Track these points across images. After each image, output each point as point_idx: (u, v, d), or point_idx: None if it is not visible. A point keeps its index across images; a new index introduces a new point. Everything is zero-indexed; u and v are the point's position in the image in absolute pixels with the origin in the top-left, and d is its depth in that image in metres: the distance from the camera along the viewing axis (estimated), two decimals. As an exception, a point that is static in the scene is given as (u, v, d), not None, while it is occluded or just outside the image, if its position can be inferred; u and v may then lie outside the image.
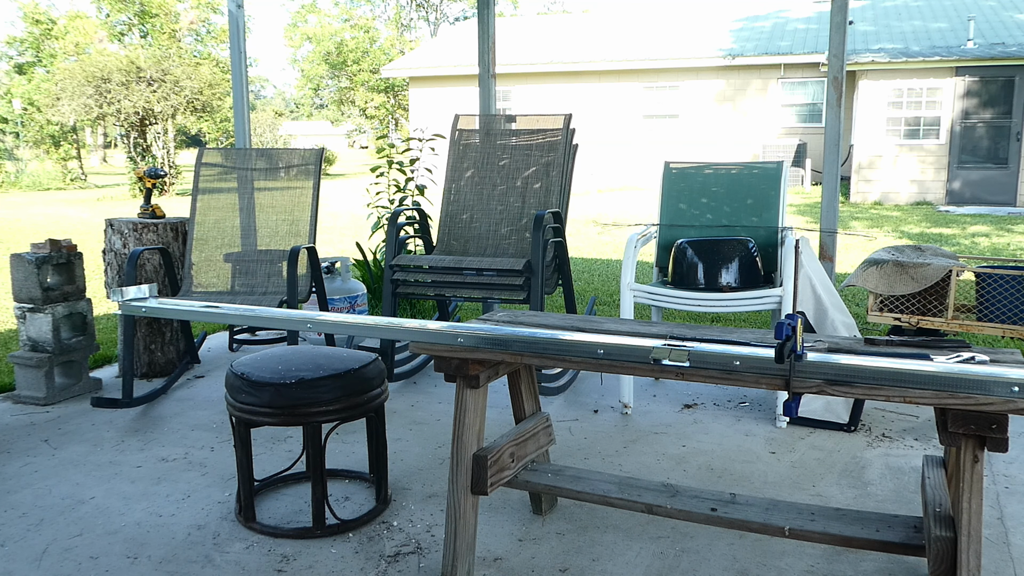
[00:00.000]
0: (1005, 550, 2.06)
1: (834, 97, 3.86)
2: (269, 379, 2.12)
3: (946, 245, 8.49)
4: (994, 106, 13.28)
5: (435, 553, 2.08)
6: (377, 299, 5.02)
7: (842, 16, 3.85)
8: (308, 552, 2.10)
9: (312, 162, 3.75)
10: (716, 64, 16.10)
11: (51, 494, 2.45)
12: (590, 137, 15.80)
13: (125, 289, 2.51)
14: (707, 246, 3.19)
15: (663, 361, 1.62)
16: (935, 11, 16.58)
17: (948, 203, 13.30)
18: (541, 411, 2.22)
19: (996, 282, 3.06)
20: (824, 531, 1.72)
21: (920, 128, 13.59)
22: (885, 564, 1.99)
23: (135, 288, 2.53)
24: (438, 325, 1.92)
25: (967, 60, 13.12)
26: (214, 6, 29.25)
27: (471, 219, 3.79)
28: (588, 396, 3.39)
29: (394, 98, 31.90)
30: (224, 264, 3.75)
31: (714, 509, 1.83)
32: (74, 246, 3.48)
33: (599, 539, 2.14)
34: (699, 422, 3.06)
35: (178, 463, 2.69)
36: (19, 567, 2.03)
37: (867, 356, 1.55)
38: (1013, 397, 1.37)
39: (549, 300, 5.36)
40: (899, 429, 2.95)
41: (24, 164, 21.72)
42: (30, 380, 3.32)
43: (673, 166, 3.66)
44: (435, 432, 2.98)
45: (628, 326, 1.95)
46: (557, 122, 3.79)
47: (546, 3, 42.05)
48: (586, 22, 20.71)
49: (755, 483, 2.50)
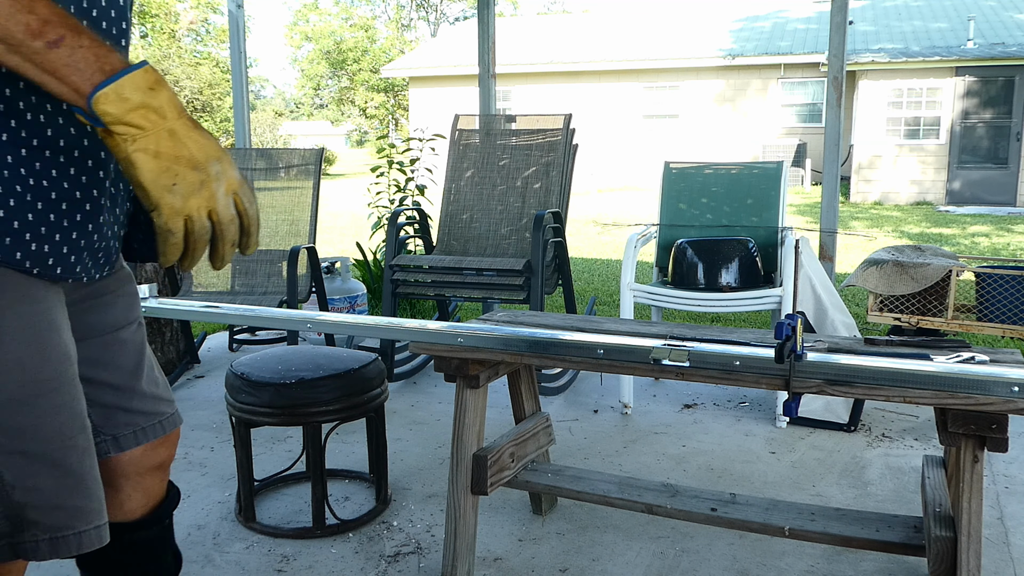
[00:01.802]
0: (1005, 550, 2.06)
1: (834, 97, 3.86)
2: (269, 379, 2.12)
3: (946, 245, 8.50)
4: (994, 106, 13.28)
5: (435, 553, 2.08)
6: (377, 299, 5.02)
7: (842, 16, 3.85)
8: (308, 552, 2.10)
9: (312, 162, 3.76)
10: (716, 64, 16.10)
11: (51, 494, 2.45)
12: (590, 137, 15.80)
13: (125, 289, 2.51)
14: (707, 246, 3.19)
15: (663, 361, 1.62)
16: (935, 11, 16.58)
17: (948, 203, 13.30)
18: (541, 411, 2.22)
19: (996, 282, 3.06)
20: (824, 531, 1.72)
21: (920, 128, 13.60)
22: (885, 564, 1.99)
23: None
24: (438, 325, 1.92)
25: (967, 60, 13.13)
26: (214, 6, 29.26)
27: (471, 219, 3.79)
28: (588, 396, 3.39)
29: (394, 98, 31.93)
30: (224, 264, 3.74)
31: (714, 509, 1.83)
32: (74, 246, 3.48)
33: (599, 539, 2.14)
34: (699, 422, 3.06)
35: (178, 463, 2.69)
36: (19, 567, 2.03)
37: (867, 356, 1.55)
38: (1013, 397, 1.37)
39: (549, 300, 5.36)
40: (899, 429, 2.95)
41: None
42: (30, 380, 3.32)
43: (673, 166, 3.66)
44: (435, 432, 2.98)
45: (628, 326, 1.95)
46: (557, 122, 3.79)
47: (546, 3, 42.10)
48: (586, 22, 20.72)
49: (755, 483, 2.50)
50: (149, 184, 0.84)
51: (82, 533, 0.95)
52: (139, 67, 0.83)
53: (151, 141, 0.83)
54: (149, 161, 0.84)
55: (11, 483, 0.90)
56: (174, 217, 0.85)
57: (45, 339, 0.90)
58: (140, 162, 0.83)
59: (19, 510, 0.91)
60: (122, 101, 0.81)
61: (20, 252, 0.87)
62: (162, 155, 0.84)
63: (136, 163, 0.83)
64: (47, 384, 0.91)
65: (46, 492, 0.92)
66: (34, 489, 0.92)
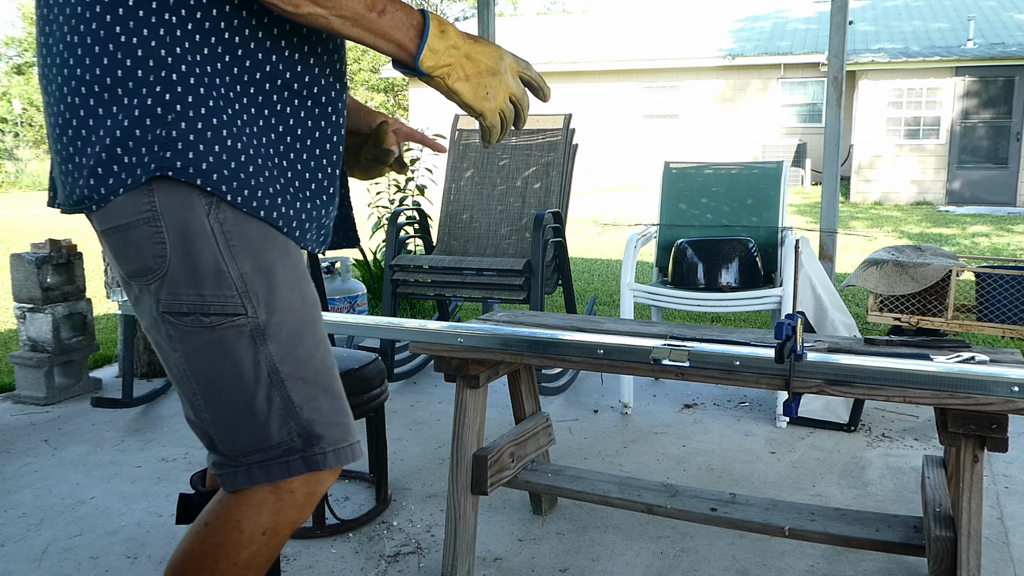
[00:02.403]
0: (1005, 550, 2.06)
1: (834, 97, 3.86)
2: (269, 379, 2.12)
3: (946, 245, 8.50)
4: (994, 106, 13.28)
5: (435, 553, 2.08)
6: (377, 299, 5.02)
7: (842, 16, 3.85)
8: (308, 552, 2.10)
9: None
10: (716, 64, 16.10)
11: (51, 494, 2.45)
12: (590, 137, 15.80)
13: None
14: (707, 246, 3.19)
15: (663, 361, 1.62)
16: (935, 11, 16.58)
17: (948, 203, 13.31)
18: (541, 411, 2.22)
19: (996, 282, 3.06)
20: (824, 531, 1.72)
21: (920, 128, 13.60)
22: (885, 564, 1.99)
23: (135, 288, 2.53)
24: (438, 325, 1.92)
25: (967, 60, 13.13)
26: (214, 6, 29.21)
27: (471, 219, 3.79)
28: (588, 396, 3.39)
29: (394, 98, 31.92)
30: (224, 264, 3.74)
31: (714, 509, 1.83)
32: (74, 246, 3.48)
33: (599, 539, 2.14)
34: (699, 422, 3.06)
35: (178, 463, 2.69)
36: (19, 567, 2.03)
37: (867, 356, 1.55)
38: (1013, 397, 1.37)
39: (549, 300, 5.36)
40: (899, 429, 2.95)
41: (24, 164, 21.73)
42: (30, 380, 3.32)
43: (673, 166, 3.66)
44: (435, 432, 2.98)
45: (628, 326, 1.95)
46: (557, 122, 3.79)
47: (546, 3, 42.06)
48: (586, 22, 20.72)
49: (755, 483, 2.50)
50: (471, 101, 1.08)
51: (352, 446, 1.13)
52: (426, 16, 1.03)
53: (459, 70, 1.06)
54: (465, 85, 1.07)
55: (299, 404, 1.07)
56: (494, 115, 1.10)
57: (304, 287, 1.09)
58: (460, 89, 1.07)
59: (308, 426, 1.08)
60: (434, 54, 1.03)
61: (277, 213, 1.05)
62: (470, 77, 1.07)
63: (458, 91, 1.07)
64: (310, 324, 1.09)
65: (324, 411, 1.10)
66: (316, 408, 1.09)
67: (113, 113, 0.97)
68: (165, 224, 0.99)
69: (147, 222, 0.99)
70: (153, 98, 0.96)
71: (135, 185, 0.98)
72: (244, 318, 1.03)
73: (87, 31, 0.97)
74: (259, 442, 1.06)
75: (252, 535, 1.07)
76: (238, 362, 1.04)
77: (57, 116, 1.00)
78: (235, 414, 1.05)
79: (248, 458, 1.06)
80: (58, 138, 1.01)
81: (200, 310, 1.01)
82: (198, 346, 1.03)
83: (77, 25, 0.97)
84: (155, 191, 0.98)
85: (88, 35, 0.97)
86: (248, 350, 1.04)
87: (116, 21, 0.96)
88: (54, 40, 1.00)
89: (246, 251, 1.02)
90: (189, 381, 1.06)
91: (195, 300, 1.01)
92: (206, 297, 1.01)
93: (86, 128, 0.98)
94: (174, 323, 1.03)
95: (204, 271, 1.00)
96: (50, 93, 1.02)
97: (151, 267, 1.00)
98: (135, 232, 1.00)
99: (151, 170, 0.97)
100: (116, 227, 1.01)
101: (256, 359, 1.04)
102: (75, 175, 1.00)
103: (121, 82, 0.96)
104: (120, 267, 1.04)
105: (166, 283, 1.01)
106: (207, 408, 1.06)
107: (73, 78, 0.98)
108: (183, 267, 1.00)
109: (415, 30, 1.02)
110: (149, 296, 1.03)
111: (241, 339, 1.03)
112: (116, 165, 0.97)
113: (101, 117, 0.97)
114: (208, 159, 0.98)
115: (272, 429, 1.06)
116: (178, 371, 1.06)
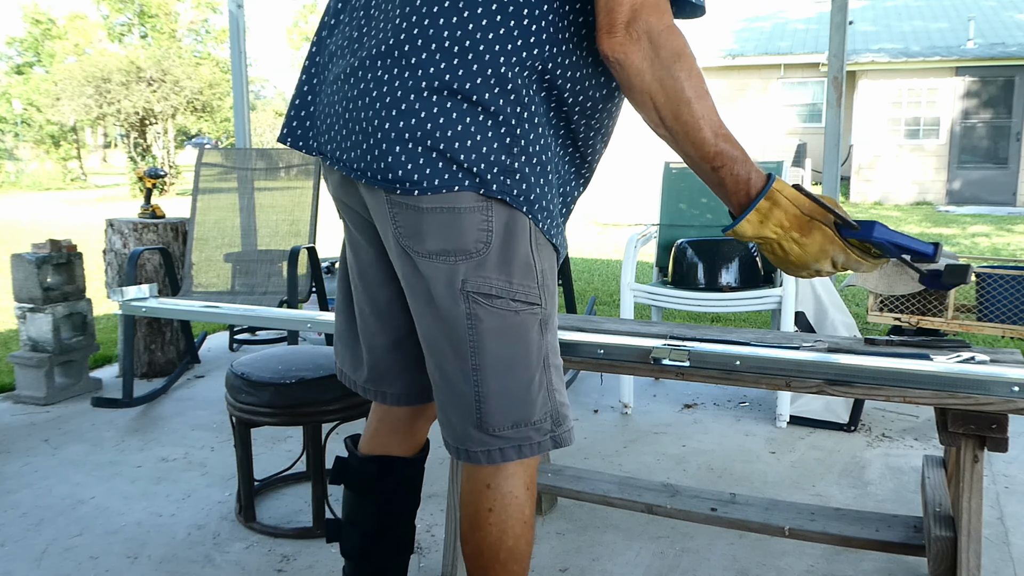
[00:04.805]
0: (1005, 550, 2.06)
1: (834, 97, 3.86)
2: (269, 379, 2.12)
3: (946, 245, 8.50)
4: (994, 106, 13.29)
5: (435, 553, 2.08)
6: (377, 299, 5.01)
7: (842, 16, 3.85)
8: (308, 552, 2.10)
9: (312, 162, 3.75)
10: (716, 64, 16.10)
11: (51, 494, 2.45)
12: (590, 137, 15.75)
13: (125, 289, 2.51)
14: (707, 246, 3.19)
15: (663, 361, 1.62)
16: (935, 11, 16.58)
17: (948, 203, 13.31)
18: (541, 411, 2.22)
19: (996, 282, 3.06)
20: (824, 531, 1.72)
21: (920, 128, 13.60)
22: (885, 564, 1.99)
23: (135, 288, 2.54)
24: (438, 325, 1.91)
25: (967, 60, 13.14)
26: (214, 6, 29.24)
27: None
28: (588, 396, 3.39)
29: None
30: (224, 264, 3.75)
31: (714, 509, 1.83)
32: (74, 246, 3.48)
33: (599, 539, 2.14)
34: (699, 422, 3.06)
35: (178, 463, 2.69)
36: (19, 567, 2.03)
37: (867, 356, 1.55)
38: (1013, 397, 1.37)
39: (549, 300, 5.36)
40: (899, 429, 2.95)
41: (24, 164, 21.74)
42: (30, 380, 3.32)
43: (673, 166, 3.66)
44: (435, 432, 2.97)
45: (628, 326, 1.95)
46: (557, 122, 3.78)
47: (546, 3, 41.97)
48: (586, 22, 20.68)
49: (755, 483, 2.50)
50: (773, 263, 1.19)
51: (572, 429, 1.27)
52: (760, 197, 1.11)
53: (778, 249, 1.16)
54: (774, 259, 1.18)
55: (556, 387, 1.22)
56: (795, 274, 1.20)
57: (554, 289, 1.23)
58: (770, 258, 1.19)
59: (558, 408, 1.23)
60: (752, 226, 1.13)
61: (556, 229, 1.21)
62: (786, 259, 1.16)
63: (766, 255, 1.19)
64: (551, 319, 1.23)
65: (563, 394, 1.25)
66: (562, 392, 1.24)
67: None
68: (494, 216, 1.12)
69: (480, 211, 1.11)
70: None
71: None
72: (539, 308, 1.18)
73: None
74: (524, 419, 1.19)
75: (524, 502, 1.23)
76: (528, 344, 1.18)
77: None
78: (513, 391, 1.18)
79: (507, 432, 1.19)
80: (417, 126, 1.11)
81: (509, 295, 1.15)
82: (500, 327, 1.15)
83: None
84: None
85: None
86: (537, 336, 1.19)
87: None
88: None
89: (542, 252, 1.18)
90: (475, 356, 1.16)
91: (504, 286, 1.14)
92: (514, 285, 1.15)
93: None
94: (482, 303, 1.14)
95: (518, 262, 1.14)
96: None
97: (469, 249, 1.12)
98: (466, 217, 1.11)
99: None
100: (450, 208, 1.10)
101: (541, 344, 1.20)
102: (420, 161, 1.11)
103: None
104: (426, 241, 1.12)
105: (478, 265, 1.13)
106: (487, 382, 1.17)
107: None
108: (500, 255, 1.13)
109: (747, 198, 1.12)
110: (447, 272, 1.13)
111: (535, 326, 1.18)
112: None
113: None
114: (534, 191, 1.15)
115: (536, 408, 1.20)
116: (461, 346, 1.16)
